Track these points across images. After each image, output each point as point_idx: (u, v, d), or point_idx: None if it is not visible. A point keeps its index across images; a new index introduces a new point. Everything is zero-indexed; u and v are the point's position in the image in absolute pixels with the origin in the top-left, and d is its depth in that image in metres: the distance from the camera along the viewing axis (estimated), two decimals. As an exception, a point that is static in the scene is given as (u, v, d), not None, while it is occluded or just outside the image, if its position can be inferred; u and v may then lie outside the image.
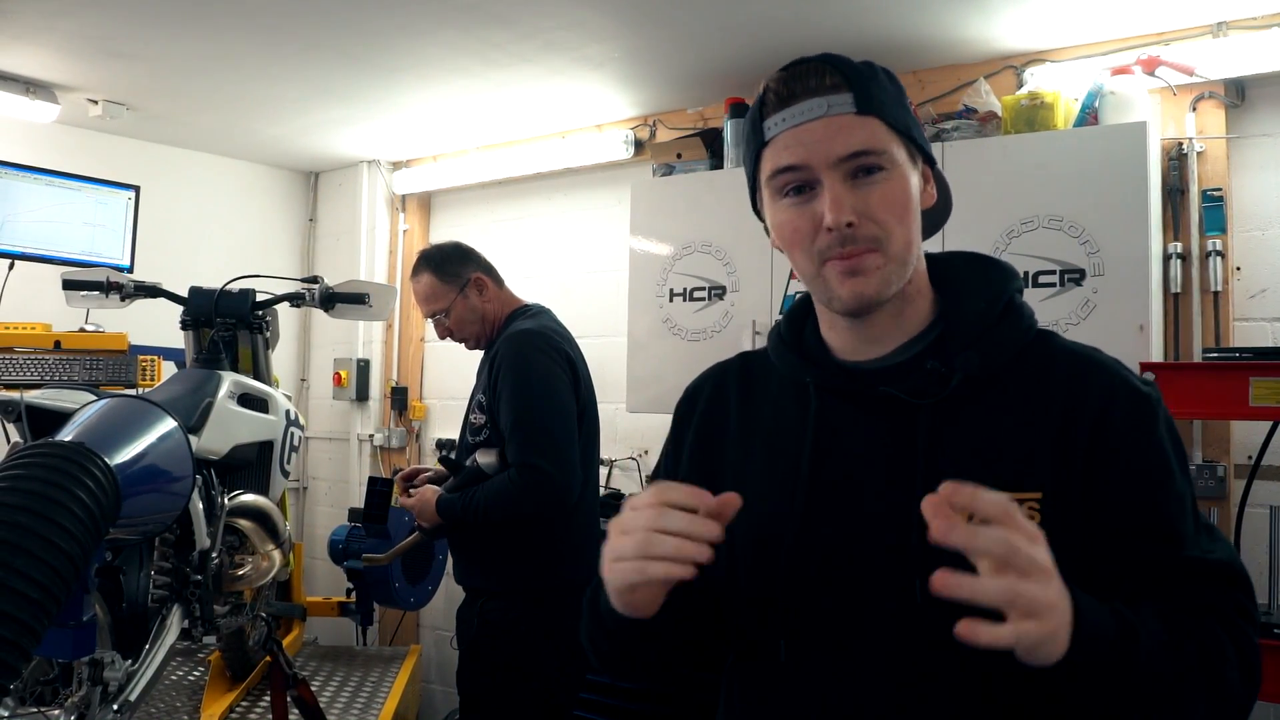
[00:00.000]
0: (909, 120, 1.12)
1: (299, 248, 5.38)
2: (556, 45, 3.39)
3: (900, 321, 1.14)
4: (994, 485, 0.99)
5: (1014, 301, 1.15)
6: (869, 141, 1.06)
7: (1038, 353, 1.12)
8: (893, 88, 1.12)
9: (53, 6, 3.11)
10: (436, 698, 4.66)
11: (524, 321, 2.79)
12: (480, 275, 2.84)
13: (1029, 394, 1.09)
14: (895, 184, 1.08)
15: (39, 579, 1.43)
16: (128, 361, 3.57)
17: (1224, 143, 2.99)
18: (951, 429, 1.08)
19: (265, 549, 2.49)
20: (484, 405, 2.70)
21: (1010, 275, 1.18)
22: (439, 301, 2.85)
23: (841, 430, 1.14)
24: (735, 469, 1.22)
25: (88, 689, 1.89)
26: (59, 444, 1.65)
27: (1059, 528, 1.00)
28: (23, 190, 3.70)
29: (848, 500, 1.11)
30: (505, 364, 2.63)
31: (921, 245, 1.14)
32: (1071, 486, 1.05)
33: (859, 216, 1.06)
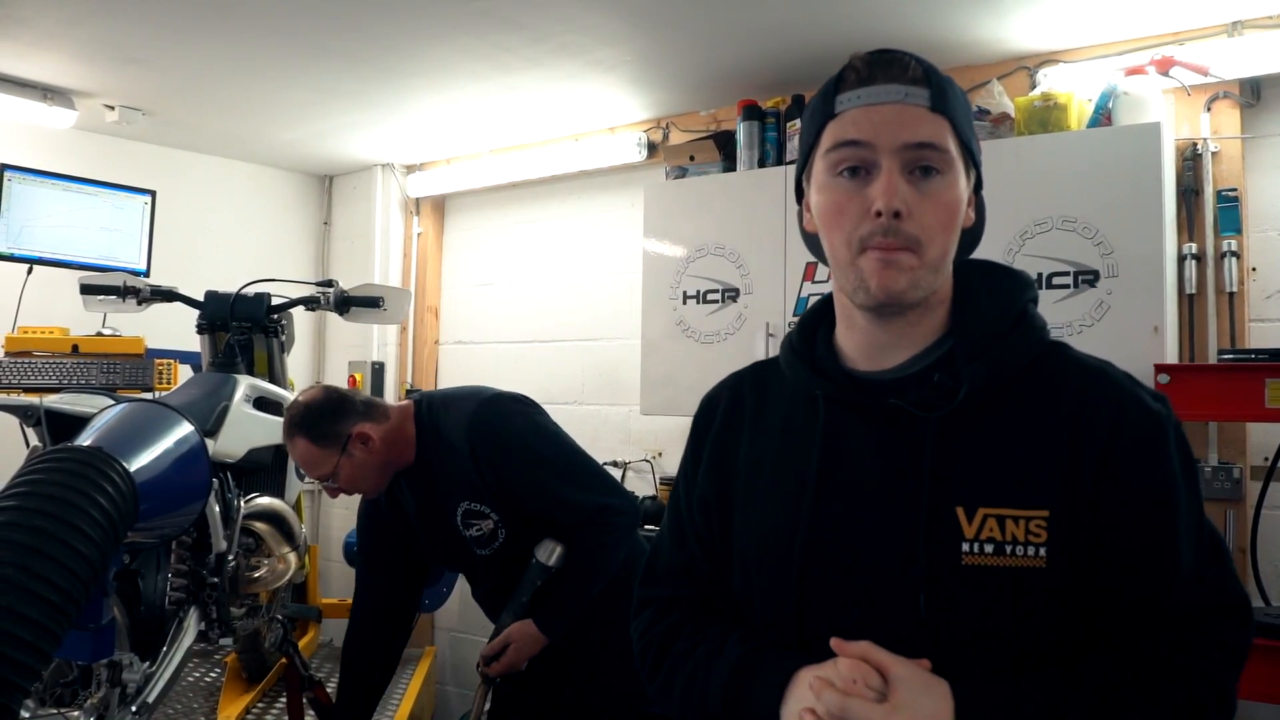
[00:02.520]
0: (972, 136, 1.12)
1: (313, 251, 5.40)
2: (569, 49, 3.40)
3: (916, 330, 1.13)
4: (1000, 501, 1.03)
5: (1026, 312, 1.14)
6: (936, 136, 1.06)
7: (1049, 366, 1.11)
8: (964, 103, 1.13)
9: (70, 14, 3.13)
10: (451, 699, 4.67)
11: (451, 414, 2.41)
12: (362, 428, 2.34)
13: (1038, 409, 1.08)
14: (949, 190, 1.07)
15: (59, 583, 1.44)
16: (144, 365, 3.59)
17: (1239, 143, 2.97)
18: (958, 443, 1.08)
19: (281, 551, 2.51)
20: (485, 511, 2.38)
21: (1023, 285, 1.17)
22: (323, 467, 2.35)
23: (849, 442, 1.13)
24: (746, 480, 1.22)
25: (106, 690, 1.91)
26: (78, 449, 1.66)
27: (1066, 548, 1.04)
28: (40, 195, 3.73)
29: (854, 512, 1.11)
30: (493, 451, 2.33)
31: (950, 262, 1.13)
32: (1079, 506, 1.05)
33: (908, 210, 1.04)
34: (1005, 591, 1.03)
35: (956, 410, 1.07)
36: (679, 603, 1.28)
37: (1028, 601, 1.04)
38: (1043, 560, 1.03)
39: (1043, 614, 1.05)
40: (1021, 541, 1.03)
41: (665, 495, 3.66)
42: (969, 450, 1.07)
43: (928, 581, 1.05)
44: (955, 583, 1.04)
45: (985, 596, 1.04)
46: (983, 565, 1.03)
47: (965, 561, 1.04)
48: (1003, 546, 1.03)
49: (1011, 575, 1.03)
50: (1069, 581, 1.04)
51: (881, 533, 1.08)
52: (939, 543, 1.05)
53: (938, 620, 1.05)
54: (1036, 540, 1.03)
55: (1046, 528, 1.03)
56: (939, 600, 1.04)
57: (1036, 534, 1.03)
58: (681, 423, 4.50)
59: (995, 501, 1.04)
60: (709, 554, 1.26)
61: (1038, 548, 1.03)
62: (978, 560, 1.04)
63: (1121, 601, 1.05)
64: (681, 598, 1.28)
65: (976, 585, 1.04)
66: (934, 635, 1.05)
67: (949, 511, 1.05)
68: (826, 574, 1.11)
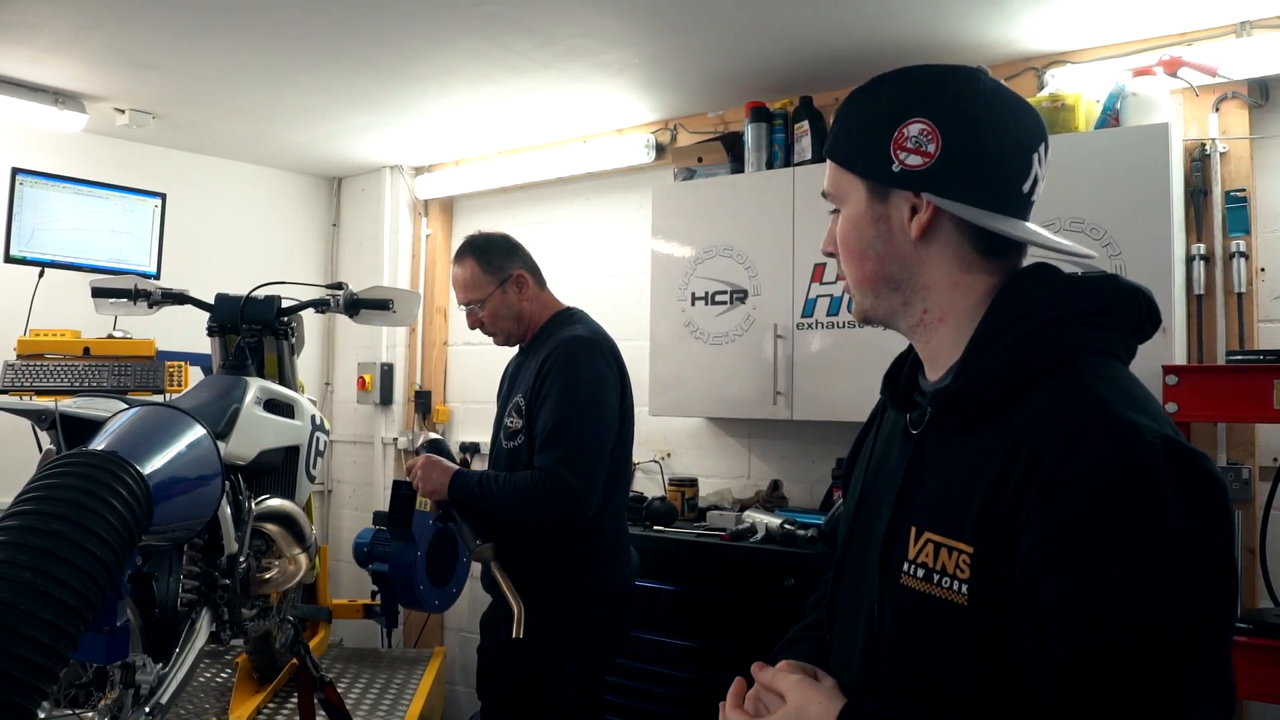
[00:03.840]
0: (863, 153, 1.10)
1: (323, 253, 5.42)
2: (576, 51, 3.41)
3: (936, 348, 1.13)
4: (938, 528, 1.02)
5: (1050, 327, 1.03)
6: (825, 184, 1.17)
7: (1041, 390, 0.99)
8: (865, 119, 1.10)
9: (82, 20, 3.15)
10: (461, 699, 4.68)
11: (575, 328, 2.72)
12: (523, 273, 2.77)
13: (997, 436, 0.99)
14: (840, 226, 1.16)
15: (76, 586, 1.45)
16: (155, 367, 3.61)
17: (1247, 143, 2.97)
18: (927, 463, 1.08)
19: (291, 553, 2.51)
20: (522, 409, 2.63)
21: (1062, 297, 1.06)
22: (477, 291, 2.75)
23: (888, 450, 1.19)
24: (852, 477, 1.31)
25: (120, 692, 1.92)
26: (92, 453, 1.68)
27: (987, 589, 0.96)
28: (52, 199, 3.75)
29: (870, 520, 1.15)
30: (556, 368, 2.57)
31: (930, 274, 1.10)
32: (997, 551, 0.95)
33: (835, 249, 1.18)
34: (929, 618, 1.01)
35: (940, 429, 1.07)
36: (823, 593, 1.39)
37: (949, 633, 0.99)
38: (964, 597, 0.97)
39: (964, 650, 0.99)
40: (949, 573, 0.99)
41: (674, 496, 3.66)
42: (932, 470, 1.07)
43: (879, 596, 1.08)
44: (894, 599, 1.06)
45: (911, 619, 1.03)
46: (913, 588, 1.03)
47: (902, 580, 1.05)
48: (931, 574, 1.01)
49: (934, 604, 1.00)
50: (991, 625, 0.96)
51: (873, 542, 1.12)
52: (890, 558, 1.07)
53: (884, 633, 1.07)
54: (961, 575, 0.98)
55: (970, 564, 0.97)
56: (884, 613, 1.07)
57: (961, 569, 0.98)
58: (690, 423, 4.53)
59: (936, 527, 1.02)
60: None
61: (961, 583, 0.98)
62: (909, 582, 1.04)
63: (1032, 673, 0.93)
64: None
65: (906, 606, 1.04)
66: (879, 648, 1.08)
67: (905, 528, 1.06)
68: (845, 577, 1.20)
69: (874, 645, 1.08)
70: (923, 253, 1.10)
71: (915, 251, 1.10)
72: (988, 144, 1.06)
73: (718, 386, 3.59)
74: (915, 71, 1.10)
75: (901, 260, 1.10)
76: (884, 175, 1.08)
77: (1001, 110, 1.07)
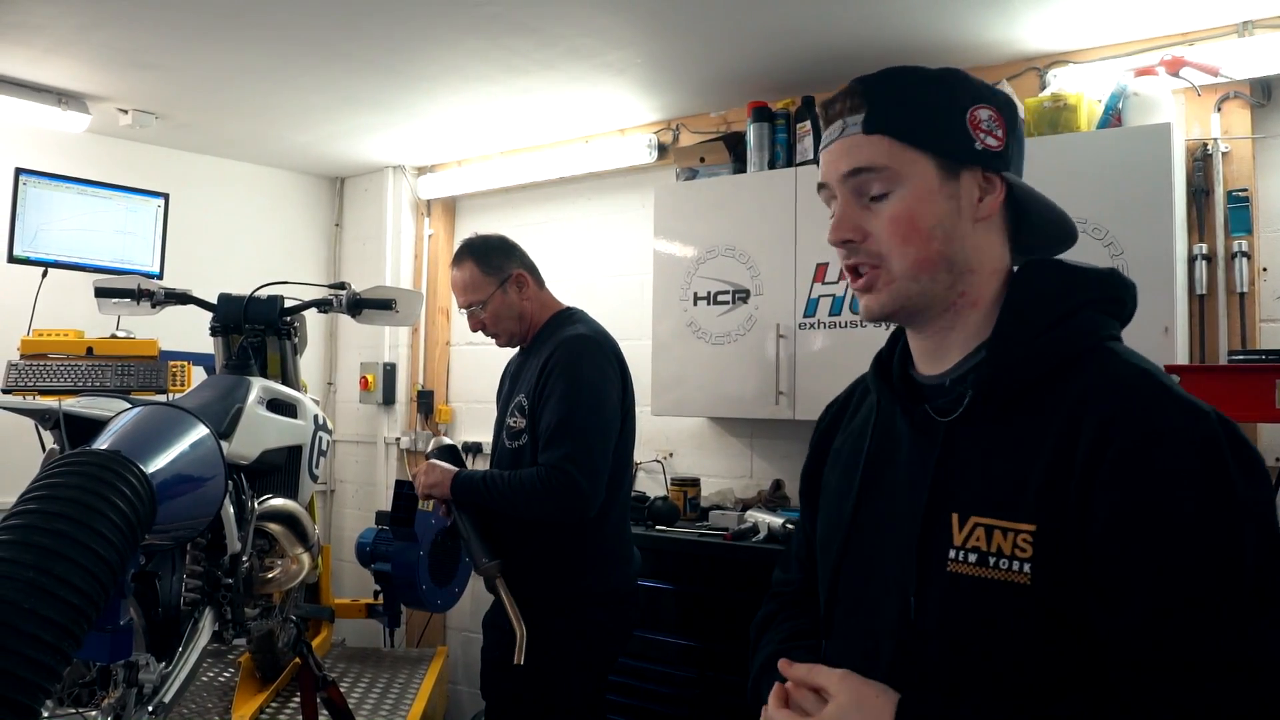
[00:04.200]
0: (939, 129, 1.09)
1: (325, 253, 5.42)
2: (578, 52, 3.41)
3: (955, 335, 1.14)
4: (989, 511, 1.02)
5: (1072, 315, 1.09)
6: (871, 158, 1.10)
7: (1078, 373, 1.05)
8: (929, 92, 1.12)
9: (84, 20, 3.16)
10: (463, 699, 4.69)
11: (577, 327, 2.73)
12: (522, 272, 2.78)
13: (1045, 418, 1.03)
14: (899, 204, 1.09)
15: (79, 585, 1.46)
16: (158, 367, 3.62)
17: (1249, 143, 2.97)
18: (966, 448, 1.08)
19: (294, 552, 2.51)
20: (525, 408, 2.64)
21: (1082, 284, 1.12)
22: (478, 293, 2.77)
23: (892, 443, 1.17)
24: (827, 475, 1.30)
25: (124, 691, 1.93)
26: (96, 452, 1.68)
27: (1053, 566, 0.99)
28: (55, 199, 3.76)
29: (882, 512, 1.15)
30: (559, 368, 2.58)
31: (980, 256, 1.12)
32: (1068, 523, 0.99)
33: (862, 234, 1.11)
34: (985, 603, 1.01)
35: (975, 415, 1.07)
36: (782, 591, 1.40)
37: (1009, 616, 1.01)
38: (1026, 577, 0.99)
39: (1025, 631, 1.00)
40: (1007, 555, 1.00)
41: (677, 495, 3.66)
42: (972, 456, 1.07)
43: (917, 585, 1.06)
44: (938, 589, 1.05)
45: (964, 606, 1.03)
46: (964, 574, 1.03)
47: (949, 568, 1.04)
48: (986, 557, 1.02)
49: (993, 587, 1.01)
50: (1056, 602, 0.99)
51: (895, 532, 1.11)
52: (929, 547, 1.06)
53: (925, 624, 1.06)
54: (1022, 555, 1.00)
55: (1032, 543, 0.99)
56: (925, 605, 1.05)
57: (1022, 548, 1.00)
58: (692, 423, 4.53)
59: (985, 510, 1.03)
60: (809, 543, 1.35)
61: (1022, 563, 0.99)
62: (960, 569, 1.03)
63: (1107, 637, 0.98)
64: (793, 585, 1.39)
65: (957, 593, 1.03)
66: (921, 640, 1.06)
67: (944, 517, 1.06)
68: (854, 571, 1.17)
69: (910, 637, 1.06)
70: (979, 236, 1.12)
71: (973, 233, 1.11)
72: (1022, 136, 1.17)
73: (720, 386, 3.59)
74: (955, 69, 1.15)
75: (962, 241, 1.10)
76: (964, 153, 1.10)
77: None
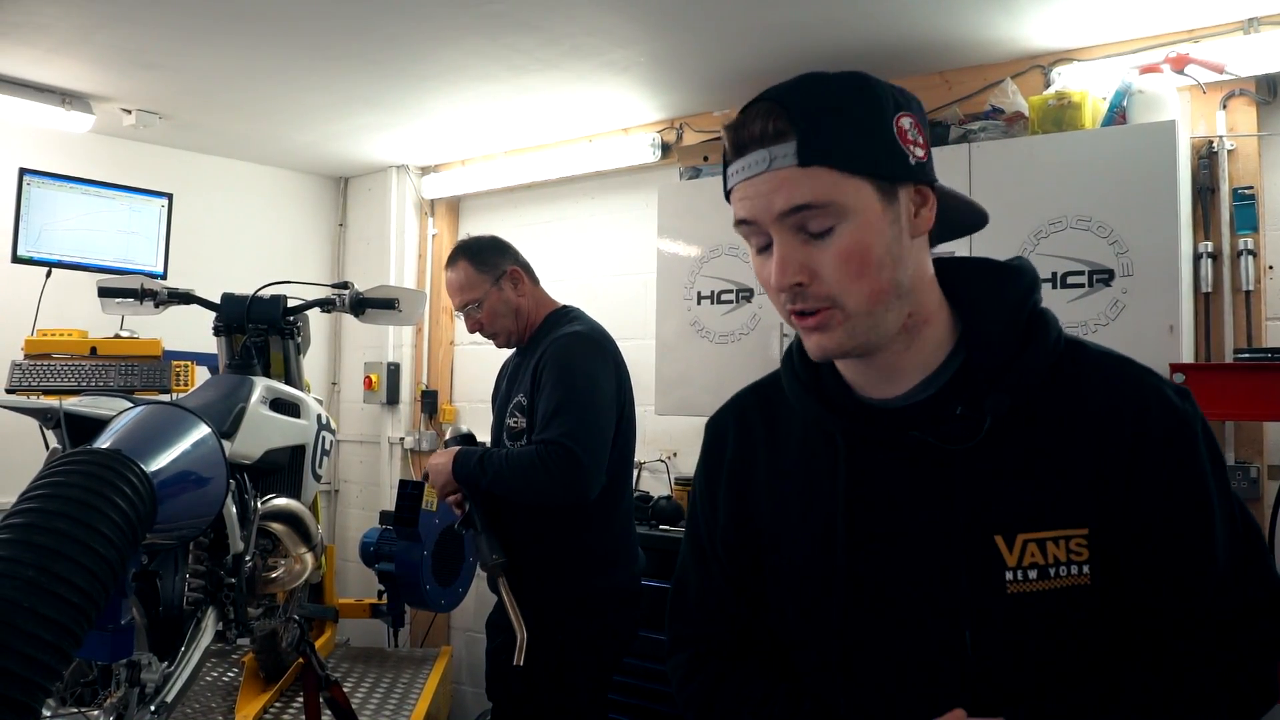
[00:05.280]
0: (875, 151, 1.01)
1: (329, 252, 5.43)
2: (582, 50, 3.41)
3: (912, 355, 1.08)
4: (1038, 525, 1.01)
5: (1036, 315, 1.09)
6: (811, 194, 0.99)
7: (1069, 370, 1.06)
8: (859, 110, 1.01)
9: (88, 20, 3.16)
10: (467, 699, 4.68)
11: (572, 325, 2.71)
12: (517, 269, 2.76)
13: (1064, 421, 1.04)
14: (848, 238, 1.00)
15: (79, 584, 1.45)
16: (162, 367, 3.62)
17: (1255, 140, 2.96)
18: (988, 469, 1.04)
19: (298, 552, 2.51)
20: (524, 407, 2.62)
21: (1028, 284, 1.10)
22: (473, 292, 2.74)
23: (875, 477, 1.09)
24: (771, 520, 1.18)
25: (126, 690, 1.92)
26: (96, 451, 1.68)
27: (1108, 560, 1.02)
28: (59, 199, 3.76)
29: (889, 552, 1.08)
30: (551, 363, 2.56)
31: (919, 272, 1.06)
32: (1115, 516, 1.02)
33: (810, 275, 1.01)
34: (1052, 614, 1.02)
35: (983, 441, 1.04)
36: (716, 648, 1.25)
37: (1074, 621, 1.02)
38: (1087, 577, 1.01)
39: (1088, 631, 1.03)
40: (1064, 562, 1.01)
41: (680, 495, 3.66)
42: (1000, 475, 1.04)
43: (974, 616, 1.02)
44: (1001, 614, 1.02)
45: (1032, 623, 1.02)
46: (1028, 592, 1.01)
47: (1010, 590, 1.01)
48: (1046, 570, 1.01)
49: (1058, 597, 1.01)
50: (1113, 593, 1.03)
51: (921, 571, 1.06)
52: (981, 575, 1.02)
53: (984, 654, 1.02)
54: (1079, 558, 1.01)
55: (1087, 544, 1.01)
56: (985, 634, 1.02)
57: (1078, 552, 1.01)
58: (696, 423, 4.50)
59: (1033, 525, 1.02)
60: (738, 593, 1.23)
61: (1080, 565, 1.01)
62: (1023, 588, 1.01)
63: (1160, 607, 1.03)
64: (717, 640, 1.26)
65: (1023, 613, 1.01)
66: (982, 670, 1.03)
67: (988, 541, 1.02)
68: (868, 619, 1.08)
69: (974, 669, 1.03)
70: (914, 252, 1.05)
71: (910, 251, 1.04)
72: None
73: (724, 386, 3.53)
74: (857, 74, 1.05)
75: (904, 262, 1.03)
76: (902, 171, 1.02)
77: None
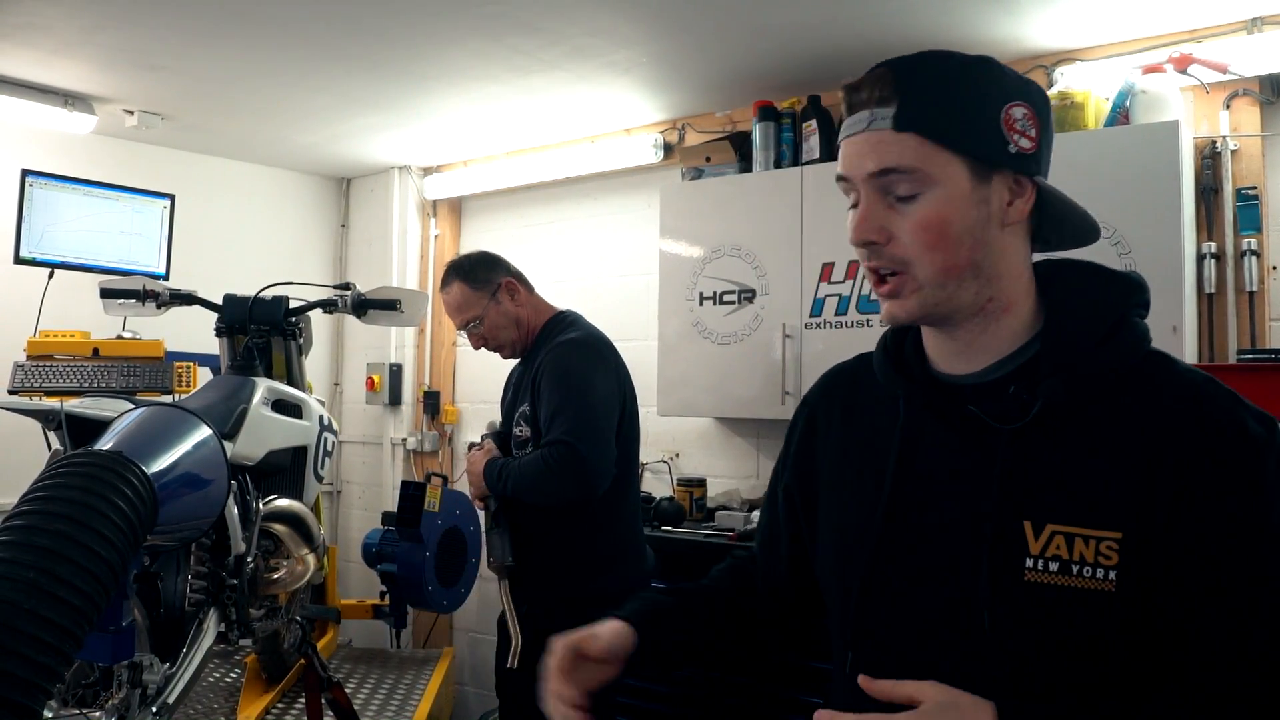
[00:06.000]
0: (974, 130, 1.04)
1: (331, 253, 5.43)
2: (584, 51, 3.41)
3: (989, 338, 1.10)
4: (1070, 519, 1.00)
5: (1125, 321, 1.07)
6: (899, 158, 1.03)
7: (1143, 379, 1.05)
8: (965, 89, 1.05)
9: (90, 21, 3.16)
10: (470, 700, 4.68)
11: (569, 332, 2.73)
12: (511, 280, 2.80)
13: (1121, 425, 1.02)
14: (929, 208, 1.04)
15: (80, 585, 1.46)
16: (164, 368, 3.62)
17: (1259, 140, 2.95)
18: (1033, 455, 1.04)
19: (300, 553, 2.51)
20: (528, 417, 2.64)
21: (1126, 290, 1.10)
22: (471, 309, 2.79)
23: (927, 446, 1.12)
24: (830, 476, 1.25)
25: (127, 691, 1.93)
26: (97, 453, 1.68)
27: (1138, 573, 0.99)
28: (61, 200, 3.77)
29: (925, 519, 1.10)
30: (548, 369, 2.60)
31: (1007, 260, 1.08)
32: (1154, 531, 0.98)
33: (887, 236, 1.06)
34: (1068, 612, 1.00)
35: (1034, 422, 1.04)
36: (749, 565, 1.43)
37: (1093, 624, 1.00)
38: (1111, 584, 0.98)
39: (1109, 639, 1.00)
40: (1090, 563, 0.99)
41: (683, 496, 3.66)
42: (1043, 464, 1.04)
43: (990, 598, 1.02)
44: (1015, 598, 1.02)
45: (1045, 615, 1.01)
46: (1045, 583, 1.00)
47: (1027, 578, 1.01)
48: (1069, 566, 1.00)
49: (1076, 596, 0.99)
50: (1141, 608, 0.99)
51: (949, 541, 1.07)
52: (1002, 556, 1.03)
53: (1000, 636, 1.02)
54: (1106, 563, 0.98)
55: (1118, 550, 0.98)
56: (1000, 615, 1.02)
57: (1107, 556, 0.99)
58: (699, 423, 4.52)
59: (1065, 519, 1.01)
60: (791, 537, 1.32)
61: (1107, 570, 0.98)
62: (1040, 578, 1.00)
63: (1193, 643, 0.98)
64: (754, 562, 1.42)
65: (1037, 603, 1.01)
66: (997, 650, 1.02)
67: (1016, 525, 1.03)
68: (891, 577, 1.11)
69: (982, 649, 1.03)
70: (1005, 239, 1.08)
71: (1000, 238, 1.07)
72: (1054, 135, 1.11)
73: (726, 386, 3.58)
74: (979, 58, 1.08)
75: (989, 246, 1.06)
76: (998, 155, 1.04)
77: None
